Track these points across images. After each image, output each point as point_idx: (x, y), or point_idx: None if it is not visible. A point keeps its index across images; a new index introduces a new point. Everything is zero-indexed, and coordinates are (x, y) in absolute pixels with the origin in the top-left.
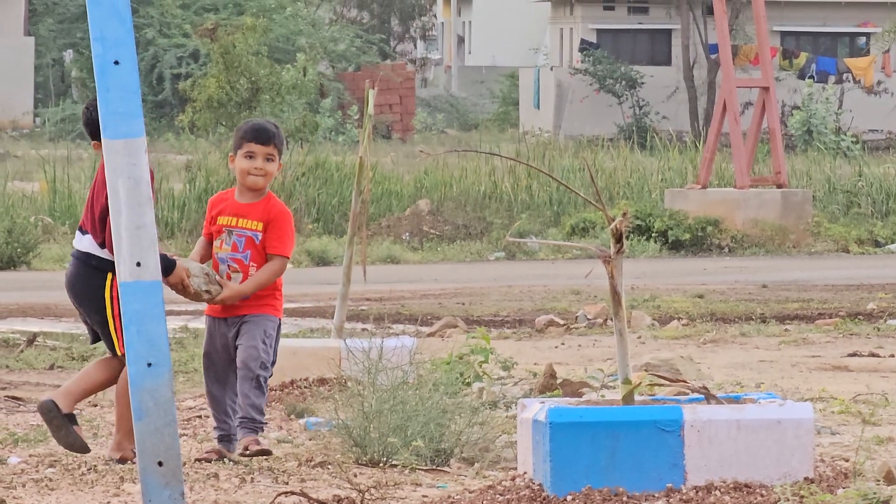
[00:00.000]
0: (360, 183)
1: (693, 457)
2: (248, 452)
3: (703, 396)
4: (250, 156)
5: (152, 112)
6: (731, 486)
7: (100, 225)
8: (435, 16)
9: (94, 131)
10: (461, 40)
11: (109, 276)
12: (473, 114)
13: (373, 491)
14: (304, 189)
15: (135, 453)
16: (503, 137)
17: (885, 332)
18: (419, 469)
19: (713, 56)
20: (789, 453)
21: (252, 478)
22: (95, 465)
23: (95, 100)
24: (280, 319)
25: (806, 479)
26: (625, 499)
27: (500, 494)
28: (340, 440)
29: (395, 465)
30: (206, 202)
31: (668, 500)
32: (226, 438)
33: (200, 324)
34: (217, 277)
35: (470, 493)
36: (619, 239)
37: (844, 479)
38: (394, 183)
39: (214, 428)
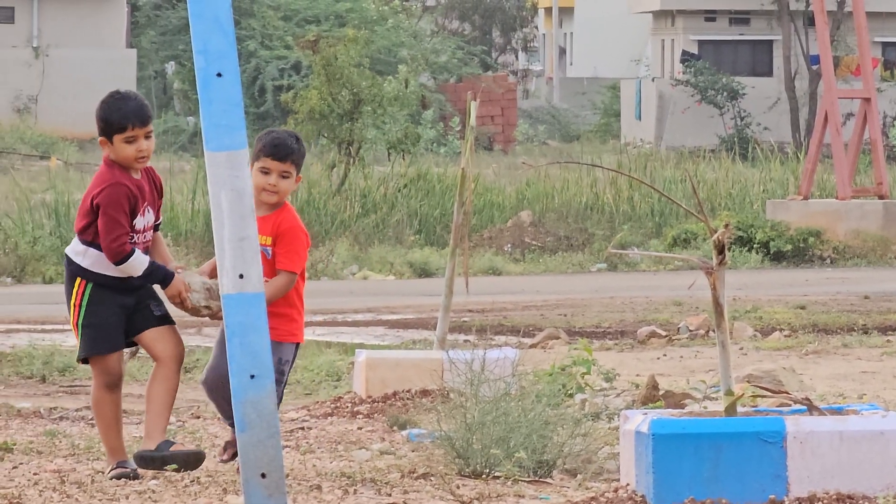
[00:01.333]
0: (462, 194)
1: (796, 468)
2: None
3: (805, 408)
4: (265, 171)
5: (254, 124)
6: (834, 497)
7: (87, 217)
8: (536, 27)
9: (103, 127)
10: (563, 51)
11: (77, 281)
12: (575, 125)
13: (476, 503)
14: (405, 201)
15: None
16: (604, 149)
17: None
18: (522, 480)
19: (814, 67)
20: (892, 465)
21: (355, 489)
22: (198, 477)
23: (112, 95)
24: (297, 343)
25: None
26: None
27: None
28: (443, 452)
29: (498, 477)
30: (308, 213)
31: None
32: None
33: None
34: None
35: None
36: (721, 250)
37: None
38: (496, 194)
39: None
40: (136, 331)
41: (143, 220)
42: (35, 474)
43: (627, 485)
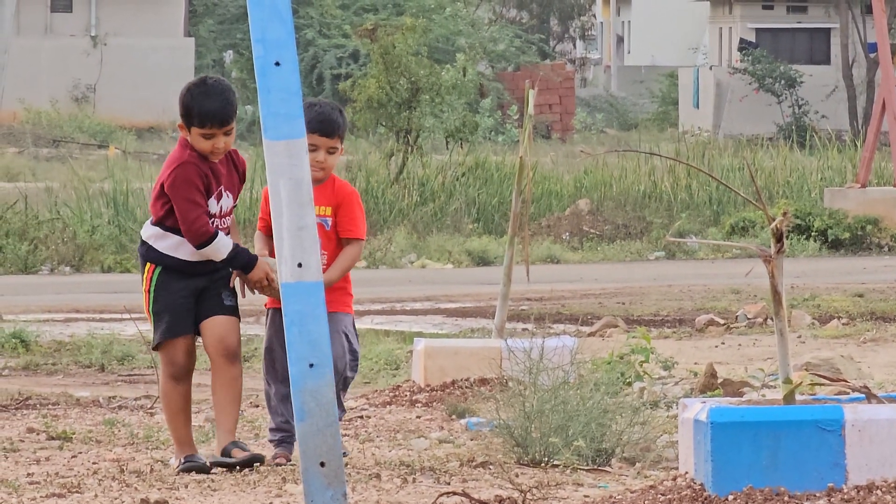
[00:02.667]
0: (520, 183)
1: (854, 456)
2: None
3: (863, 396)
4: (312, 148)
5: None
6: (893, 485)
7: (161, 200)
8: (594, 15)
9: (183, 112)
10: (620, 40)
11: (147, 266)
12: (633, 113)
13: (534, 491)
14: (464, 189)
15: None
16: (662, 137)
17: None
18: (580, 469)
19: (872, 55)
20: None
21: (414, 478)
22: (257, 466)
23: (198, 85)
24: (353, 316)
25: None
26: (786, 498)
27: (662, 494)
28: (502, 440)
29: (557, 465)
30: (367, 202)
31: (829, 500)
32: (288, 440)
33: (361, 324)
34: None
35: (631, 492)
36: (779, 238)
37: None
38: (554, 183)
39: (273, 430)
40: (202, 316)
41: (219, 204)
42: (94, 463)
43: (686, 473)
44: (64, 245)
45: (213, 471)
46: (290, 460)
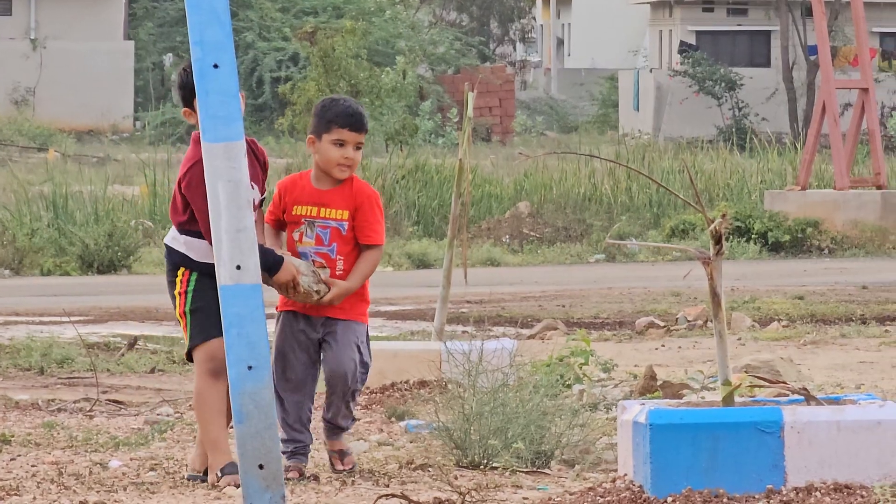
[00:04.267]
0: (459, 185)
1: (793, 458)
2: (336, 469)
3: (803, 398)
4: (340, 143)
5: (252, 115)
6: (832, 487)
7: (181, 204)
8: (534, 18)
9: (187, 95)
10: (560, 42)
11: (180, 271)
12: (573, 116)
13: (473, 493)
14: (403, 192)
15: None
16: (602, 140)
17: None
18: (520, 471)
19: (812, 57)
20: (889, 454)
21: (353, 480)
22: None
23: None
24: (367, 326)
25: None
26: (725, 500)
27: (601, 496)
28: (441, 443)
29: (496, 468)
30: None
31: (768, 502)
32: (301, 452)
33: None
34: (323, 276)
35: (570, 495)
36: (718, 240)
37: None
38: (494, 185)
39: (285, 441)
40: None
41: None
42: (33, 466)
43: (625, 475)
44: (3, 248)
45: (150, 472)
46: (304, 474)
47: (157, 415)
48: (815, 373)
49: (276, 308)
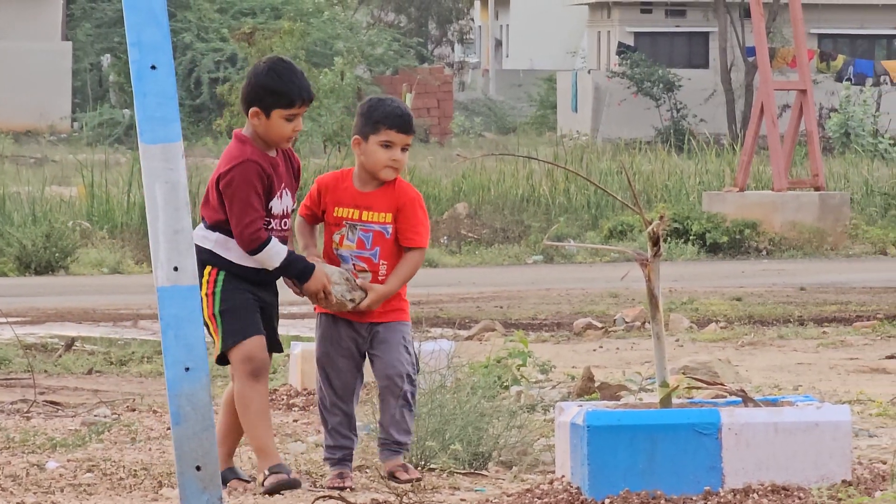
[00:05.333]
0: None
1: (731, 459)
2: (401, 480)
3: (740, 399)
4: (388, 145)
5: (190, 116)
6: (769, 488)
7: (216, 201)
8: (472, 19)
9: (267, 97)
10: (499, 44)
11: (207, 270)
12: (511, 117)
13: (411, 495)
14: None
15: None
16: (541, 141)
17: None
18: (457, 473)
19: (750, 59)
20: (827, 456)
21: None
22: (134, 471)
23: (278, 62)
24: (409, 324)
25: (843, 481)
26: (663, 502)
27: (538, 498)
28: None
29: (434, 469)
30: None
31: (705, 503)
32: (348, 458)
33: None
34: (358, 281)
35: (508, 496)
36: (655, 242)
37: (882, 481)
38: (431, 186)
39: (330, 448)
40: None
41: (281, 203)
42: None
43: (562, 477)
44: None
45: (88, 474)
46: (352, 482)
47: (95, 416)
48: (753, 374)
49: (315, 309)
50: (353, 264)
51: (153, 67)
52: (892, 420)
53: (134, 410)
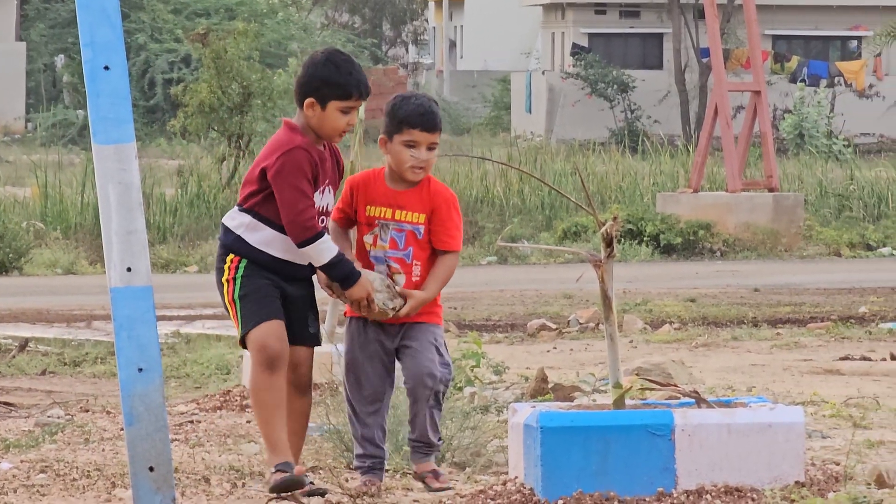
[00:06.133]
0: None
1: (684, 461)
2: (431, 487)
3: (694, 400)
4: (412, 145)
5: (144, 117)
6: (722, 489)
7: (257, 183)
8: (426, 20)
9: (323, 88)
10: (453, 45)
11: (229, 258)
12: (465, 118)
13: (364, 496)
14: None
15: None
16: (495, 142)
17: (877, 335)
18: (410, 474)
19: (705, 60)
20: (780, 457)
21: (244, 483)
22: (88, 471)
23: (336, 55)
24: (442, 327)
25: (796, 482)
26: (616, 503)
27: (491, 499)
28: (332, 445)
29: (387, 470)
30: (198, 207)
31: None
32: (378, 467)
33: (193, 329)
34: (397, 288)
35: (461, 497)
36: (609, 243)
37: (835, 482)
38: None
39: (360, 456)
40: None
41: (323, 199)
42: None
43: (516, 478)
44: None
45: (41, 474)
46: (381, 490)
47: (48, 417)
48: (707, 375)
49: (344, 314)
50: (388, 265)
51: (106, 68)
52: (845, 421)
53: (87, 411)
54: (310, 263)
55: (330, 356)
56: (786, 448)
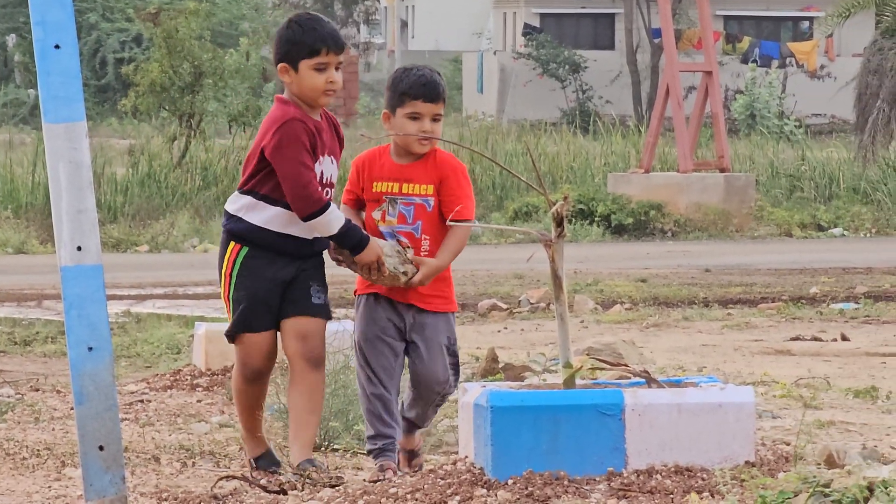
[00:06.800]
0: None
1: (634, 440)
2: (406, 471)
3: (644, 380)
4: (415, 117)
5: (95, 96)
6: (672, 469)
7: (255, 165)
8: (378, 0)
9: (290, 50)
10: (404, 24)
11: (230, 246)
12: None
13: (314, 475)
14: None
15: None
16: (446, 122)
17: (828, 316)
18: (360, 453)
19: (656, 40)
20: (730, 437)
21: (193, 462)
22: (38, 450)
23: (300, 15)
24: (455, 312)
25: (747, 462)
26: (566, 483)
27: (442, 478)
28: (282, 424)
29: (337, 450)
30: (149, 186)
31: (609, 484)
32: (391, 448)
33: (143, 308)
34: (409, 255)
35: (411, 477)
36: (559, 223)
37: (785, 462)
38: None
39: (372, 437)
40: (286, 312)
41: (323, 169)
42: None
43: (466, 457)
44: None
45: (22, 455)
46: (397, 473)
47: None
48: (658, 355)
49: (354, 292)
50: (397, 240)
51: (57, 47)
52: (795, 401)
53: (38, 390)
54: (315, 240)
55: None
56: (736, 428)
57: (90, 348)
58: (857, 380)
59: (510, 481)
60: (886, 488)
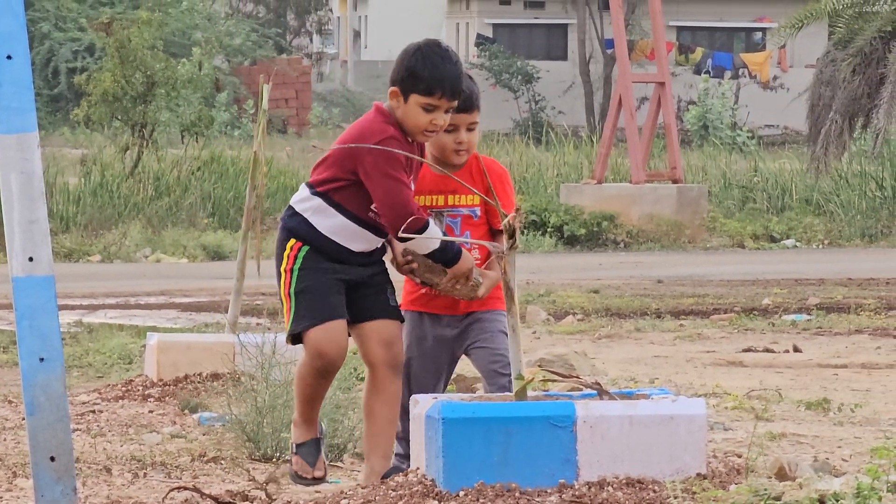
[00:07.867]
0: (254, 178)
1: (586, 452)
2: None
3: (596, 392)
4: (450, 129)
5: (48, 106)
6: (624, 481)
7: (335, 166)
8: (331, 10)
9: (407, 79)
10: (357, 35)
11: (290, 243)
12: (369, 108)
13: (271, 485)
14: (199, 183)
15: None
16: None
17: (780, 327)
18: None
19: (609, 51)
20: (682, 449)
21: (145, 473)
22: None
23: (434, 45)
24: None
25: (698, 474)
26: (517, 494)
27: (393, 490)
28: (234, 435)
29: (289, 461)
30: (101, 196)
31: (560, 496)
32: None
33: (95, 318)
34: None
35: (363, 489)
36: (511, 234)
37: (737, 474)
38: (289, 177)
39: (399, 456)
40: (362, 315)
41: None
42: None
43: (417, 469)
44: None
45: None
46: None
47: None
48: (610, 367)
49: (402, 307)
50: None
51: (9, 57)
52: (747, 413)
53: (11, 403)
54: (375, 249)
55: (232, 346)
56: (688, 440)
57: (42, 359)
58: (809, 391)
59: (461, 493)
60: (838, 501)
